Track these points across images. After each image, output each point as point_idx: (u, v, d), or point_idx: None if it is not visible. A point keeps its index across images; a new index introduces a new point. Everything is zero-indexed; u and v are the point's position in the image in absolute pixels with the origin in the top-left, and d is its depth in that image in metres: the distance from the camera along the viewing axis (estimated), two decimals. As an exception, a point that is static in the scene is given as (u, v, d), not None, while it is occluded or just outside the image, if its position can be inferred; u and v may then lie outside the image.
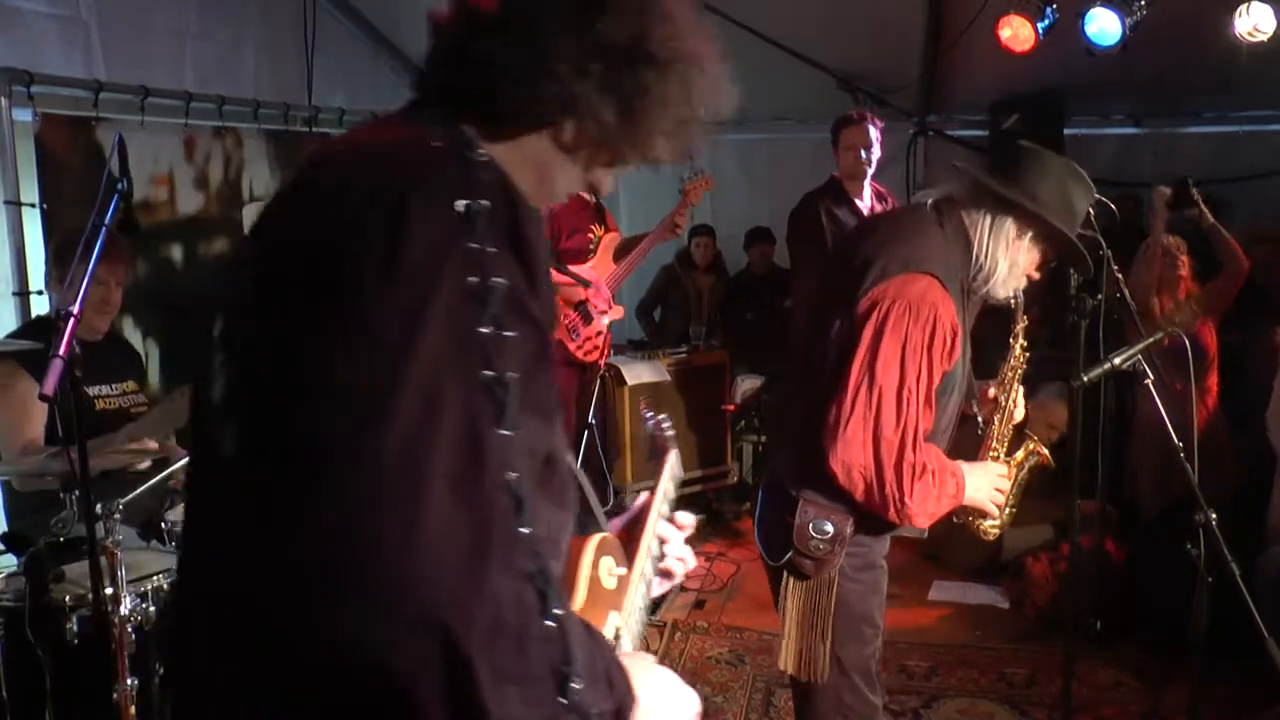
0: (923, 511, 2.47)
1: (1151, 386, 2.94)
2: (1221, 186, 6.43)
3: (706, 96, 1.30)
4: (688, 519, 1.73)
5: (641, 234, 5.10)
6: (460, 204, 1.09)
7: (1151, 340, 3.09)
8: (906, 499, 2.41)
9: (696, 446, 6.19)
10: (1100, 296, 3.40)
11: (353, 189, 1.13)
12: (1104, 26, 5.12)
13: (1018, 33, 5.32)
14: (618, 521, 1.69)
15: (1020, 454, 2.78)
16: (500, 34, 1.22)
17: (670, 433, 2.05)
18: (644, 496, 1.74)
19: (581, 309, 4.71)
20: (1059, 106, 6.36)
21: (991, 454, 2.73)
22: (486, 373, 1.04)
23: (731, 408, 6.44)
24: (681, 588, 5.19)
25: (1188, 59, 5.53)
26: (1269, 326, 4.70)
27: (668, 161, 1.32)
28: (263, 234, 1.26)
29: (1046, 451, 2.80)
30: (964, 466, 2.60)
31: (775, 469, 2.66)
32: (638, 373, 5.89)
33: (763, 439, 6.64)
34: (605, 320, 4.88)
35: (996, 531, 2.77)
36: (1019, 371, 2.74)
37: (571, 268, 4.62)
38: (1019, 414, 2.79)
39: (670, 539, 1.68)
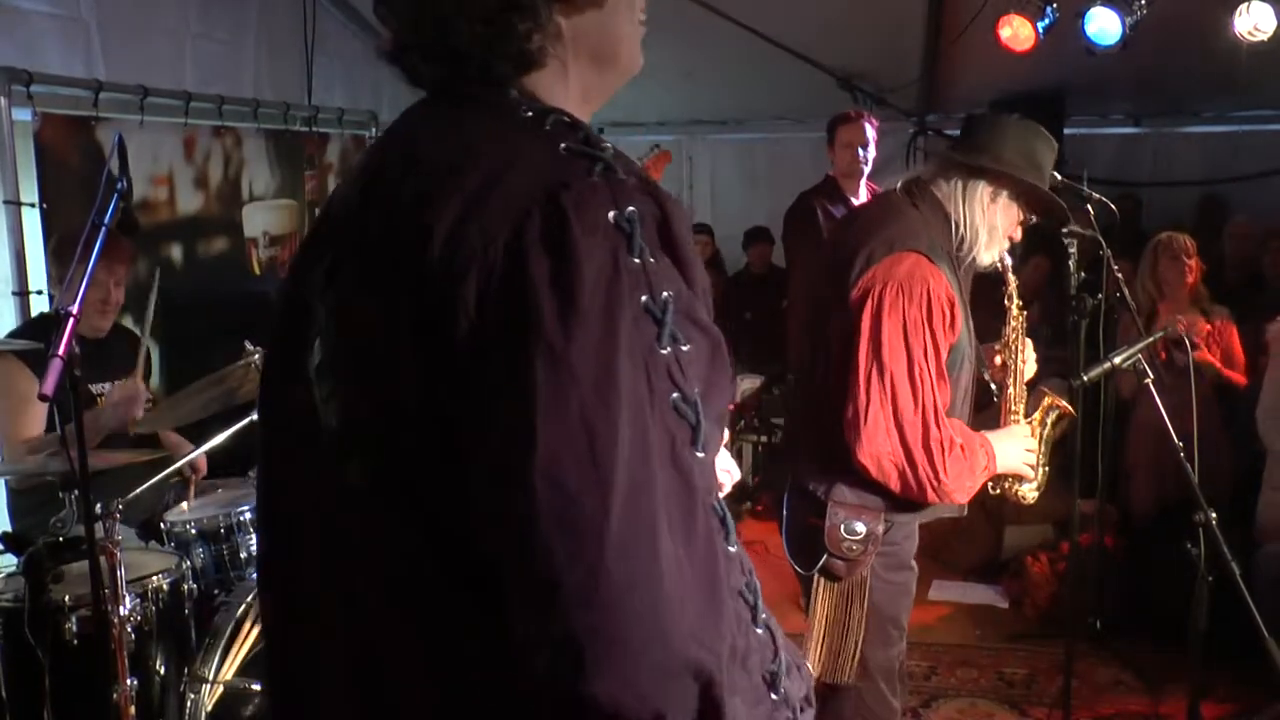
0: (960, 486, 2.47)
1: (1151, 386, 2.95)
2: (1221, 186, 6.45)
3: None
4: None
5: None
6: (612, 214, 0.97)
7: (1151, 339, 3.09)
8: (942, 475, 2.41)
9: (695, 446, 6.18)
10: (1100, 296, 3.40)
11: (463, 229, 0.98)
12: (1104, 26, 5.12)
13: (1018, 32, 5.32)
14: None
15: (1039, 412, 2.77)
16: (448, 17, 1.08)
17: None
18: None
19: None
20: (1059, 106, 6.36)
21: (1013, 417, 2.73)
22: (675, 395, 0.96)
23: (731, 407, 6.41)
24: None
25: (1187, 58, 5.54)
26: (1259, 322, 4.69)
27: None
28: (347, 248, 1.11)
29: (1065, 402, 2.79)
30: (990, 435, 2.61)
31: (797, 476, 2.65)
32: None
33: (763, 439, 6.65)
34: None
35: (1036, 494, 2.76)
36: (1020, 330, 2.74)
37: None
38: (1030, 371, 2.79)
39: None
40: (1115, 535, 4.73)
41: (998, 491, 2.74)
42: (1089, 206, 3.26)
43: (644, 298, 0.96)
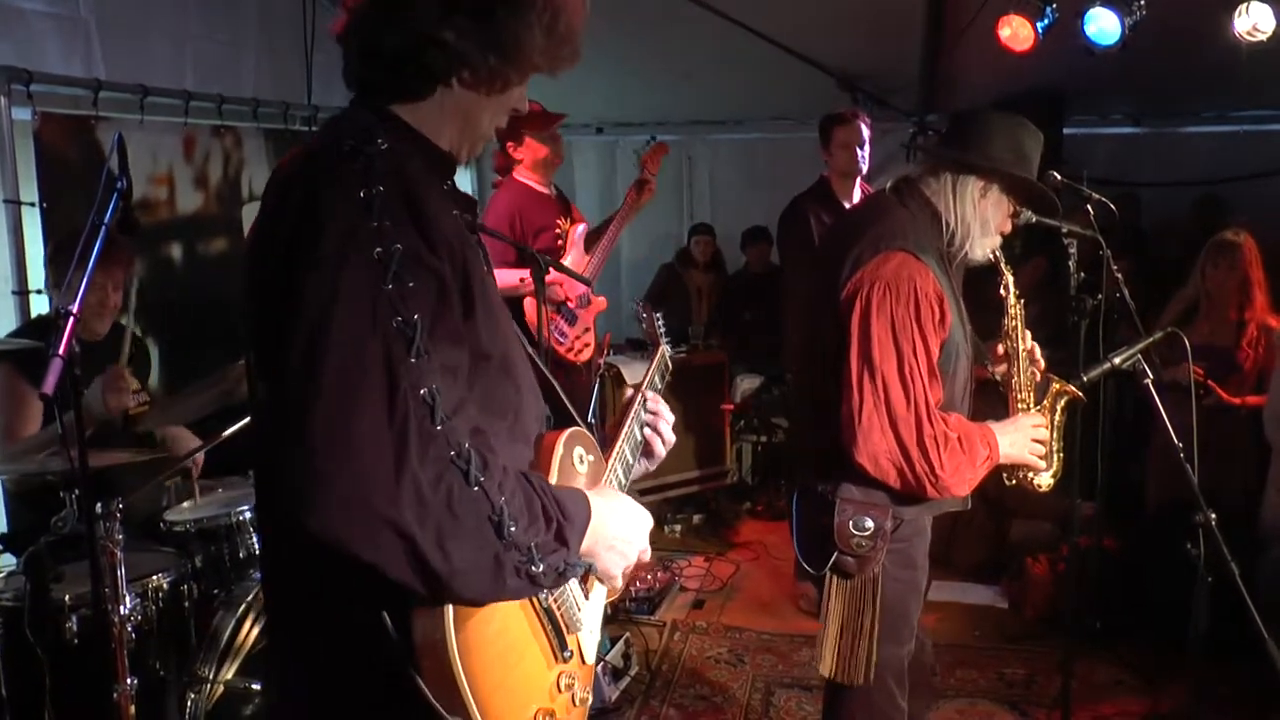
0: (959, 480, 2.48)
1: (1151, 386, 2.94)
2: (1221, 186, 6.44)
3: (568, 10, 1.55)
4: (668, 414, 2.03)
5: (608, 218, 4.97)
6: (361, 192, 1.40)
7: (1151, 340, 3.08)
8: (939, 471, 2.43)
9: (695, 446, 6.20)
10: (1100, 296, 3.39)
11: (288, 193, 1.47)
12: (1103, 26, 5.12)
13: (1017, 32, 5.31)
14: (613, 419, 2.02)
15: (1049, 399, 2.77)
16: (378, 23, 1.52)
17: (661, 327, 2.29)
18: (631, 391, 2.03)
19: (563, 310, 4.63)
20: (1059, 106, 6.36)
21: (1020, 406, 2.74)
22: (398, 318, 1.35)
23: (730, 407, 6.43)
24: (681, 587, 5.20)
25: (1187, 59, 5.53)
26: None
27: (558, 71, 1.60)
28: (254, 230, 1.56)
29: (1074, 387, 2.79)
30: (994, 426, 2.62)
31: (804, 476, 2.67)
32: (638, 372, 5.87)
33: (762, 439, 6.65)
34: (590, 316, 4.78)
35: (1050, 482, 2.76)
36: (1019, 321, 2.75)
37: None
38: (1034, 362, 2.79)
39: (655, 422, 2.01)
40: (1118, 536, 4.72)
41: (1013, 482, 2.74)
42: (1088, 206, 3.25)
43: (377, 249, 1.36)
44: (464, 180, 6.95)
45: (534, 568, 1.43)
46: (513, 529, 1.40)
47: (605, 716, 3.91)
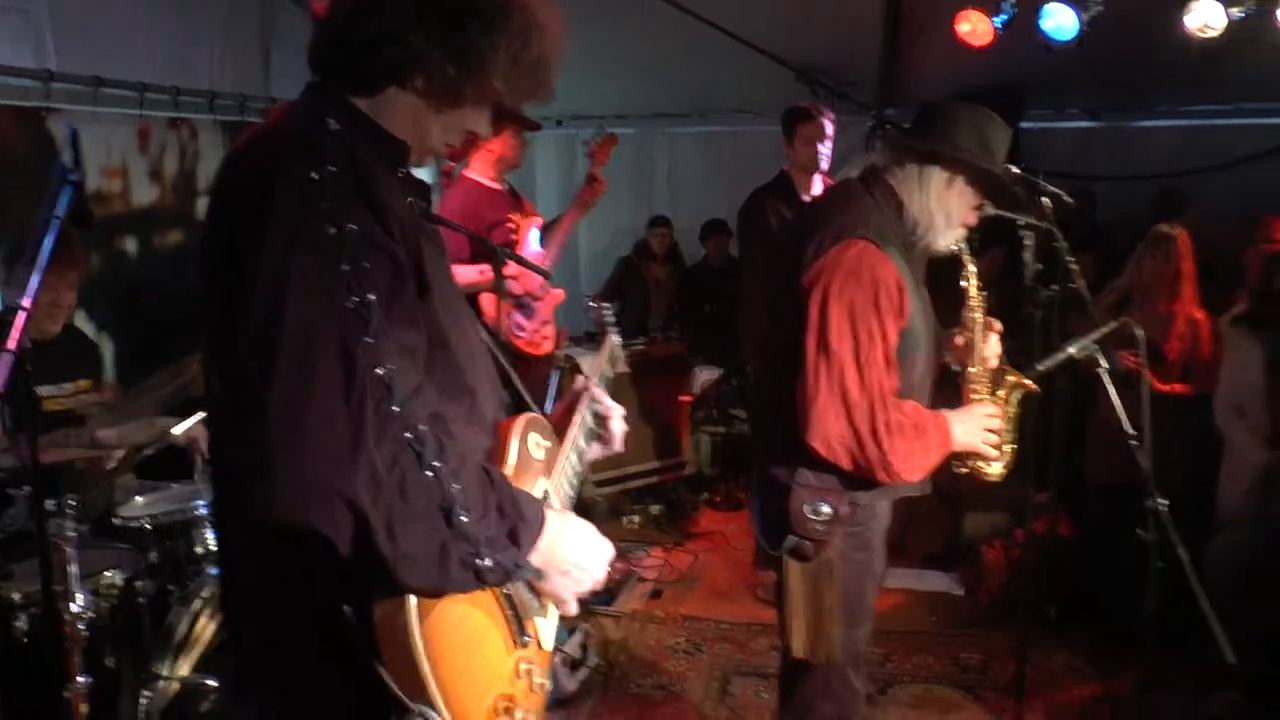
0: (910, 466, 2.51)
1: (1105, 376, 2.98)
2: (1175, 180, 6.54)
3: (542, 43, 1.56)
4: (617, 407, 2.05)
5: (563, 214, 4.96)
6: (314, 174, 1.40)
7: (1105, 330, 3.12)
8: (890, 456, 2.46)
9: (654, 437, 6.21)
10: (1056, 287, 3.43)
11: (240, 177, 1.49)
12: (1060, 22, 5.18)
13: (976, 27, 5.37)
14: (561, 404, 2.04)
15: (1004, 390, 2.81)
16: (354, 11, 1.53)
17: (611, 319, 2.33)
18: (581, 379, 2.05)
19: (522, 303, 4.61)
20: (1016, 100, 6.41)
21: (974, 396, 2.76)
22: (353, 299, 1.36)
23: (689, 399, 6.45)
24: (639, 578, 5.21)
25: (1142, 54, 5.60)
26: (1217, 312, 4.76)
27: (520, 103, 1.62)
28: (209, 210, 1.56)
29: (1028, 380, 2.82)
30: (948, 414, 2.65)
31: (762, 462, 2.70)
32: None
33: (721, 430, 6.67)
34: (548, 309, 4.76)
35: (1001, 471, 2.79)
36: (980, 312, 2.77)
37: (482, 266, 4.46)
38: (992, 353, 2.82)
39: (608, 412, 2.02)
40: (1070, 524, 4.79)
41: (964, 470, 2.77)
42: (1045, 199, 3.29)
43: (331, 229, 1.36)
44: (425, 176, 6.91)
45: (480, 561, 1.43)
46: (463, 519, 1.40)
47: (564, 707, 3.91)
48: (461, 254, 4.21)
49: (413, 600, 1.41)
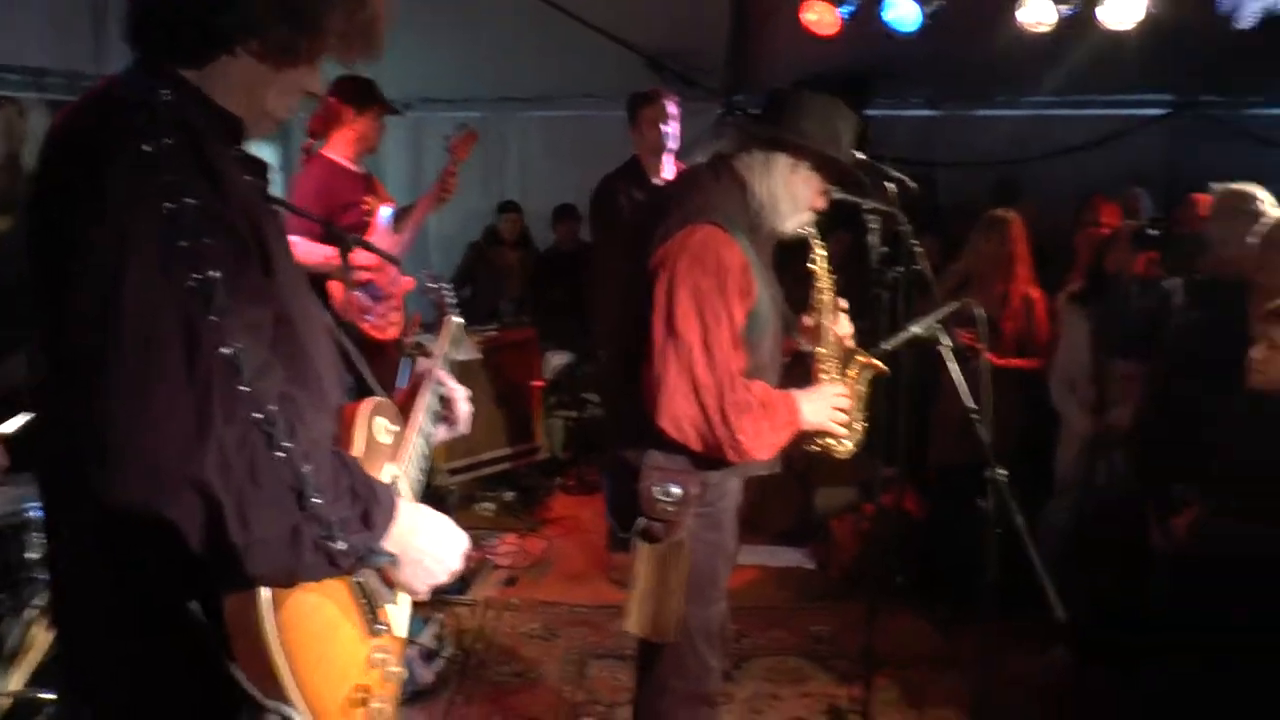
0: (759, 445, 2.53)
1: (947, 353, 3.08)
2: (1011, 167, 6.83)
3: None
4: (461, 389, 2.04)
5: (414, 203, 4.89)
6: (147, 146, 1.32)
7: (947, 310, 3.22)
8: (739, 436, 2.47)
9: (506, 423, 6.15)
10: (899, 269, 3.53)
11: (66, 151, 1.40)
12: (903, 14, 5.34)
13: (821, 17, 5.49)
14: (403, 387, 1.99)
15: (853, 370, 2.86)
16: None
17: (451, 298, 2.31)
18: (424, 362, 2.03)
19: (369, 289, 4.51)
20: (861, 88, 6.56)
21: (824, 377, 2.80)
22: (195, 276, 1.29)
23: (541, 384, 6.42)
24: (493, 566, 5.16)
25: (980, 47, 5.82)
26: (1052, 290, 5.00)
27: (351, 61, 1.56)
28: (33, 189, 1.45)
29: (878, 361, 2.89)
30: (797, 393, 2.67)
31: (614, 445, 2.69)
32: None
33: (573, 414, 6.66)
34: (398, 295, 4.68)
35: (852, 449, 2.83)
36: (829, 294, 2.82)
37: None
38: (842, 331, 2.87)
39: (452, 394, 2.00)
40: (917, 496, 4.95)
41: (815, 449, 2.81)
42: (889, 184, 3.37)
43: (167, 204, 1.29)
44: (268, 156, 6.68)
45: (334, 545, 1.38)
46: (316, 501, 1.35)
47: (421, 700, 3.84)
48: (313, 232, 4.10)
49: (265, 591, 1.35)
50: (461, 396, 2.03)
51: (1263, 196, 4.01)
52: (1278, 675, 3.09)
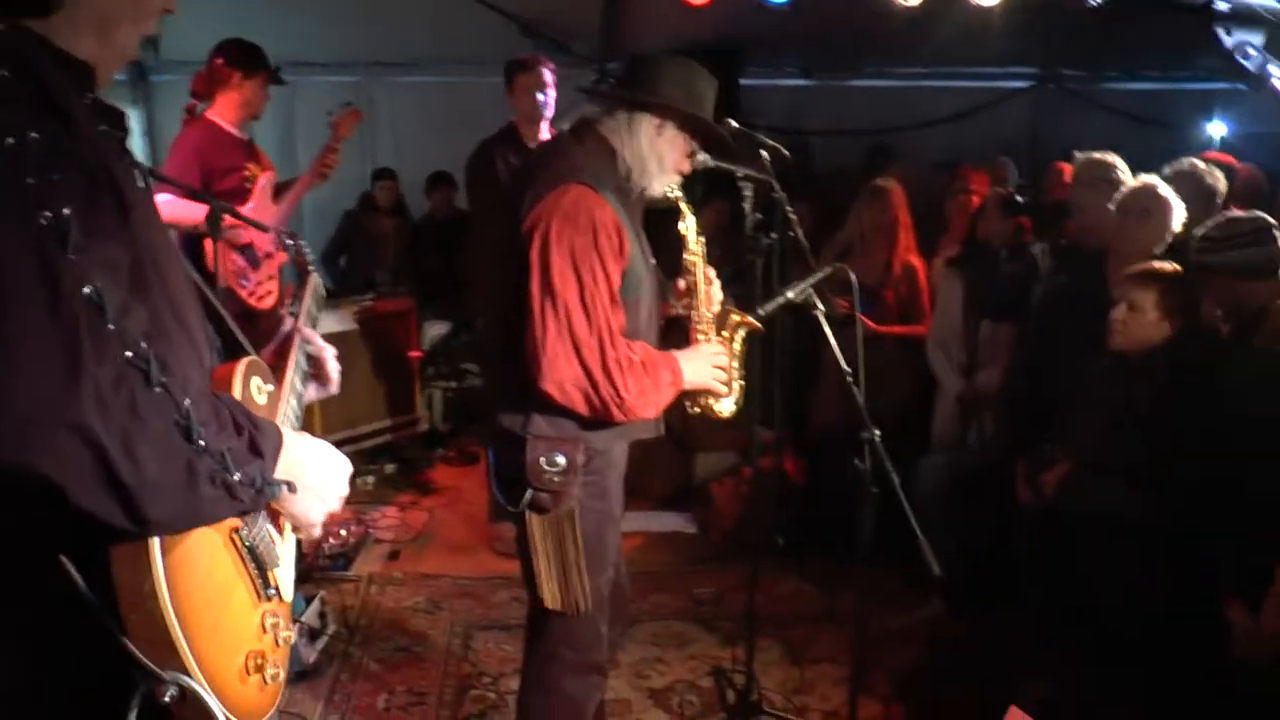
0: (644, 403, 2.55)
1: (821, 318, 3.13)
2: (882, 136, 6.98)
3: None
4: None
5: (295, 178, 4.81)
6: None
7: (820, 275, 3.27)
8: (623, 393, 2.49)
9: (385, 395, 6.07)
10: (774, 236, 3.57)
11: None
12: (776, -15, 5.38)
13: (695, -13, 5.49)
14: (270, 347, 1.95)
15: (728, 330, 2.89)
16: None
17: (310, 255, 2.26)
18: (290, 320, 1.99)
19: (248, 253, 4.42)
20: (735, 58, 6.63)
21: (700, 337, 2.83)
22: (46, 214, 1.21)
23: (419, 354, 6.34)
24: (375, 540, 5.10)
25: (852, 18, 5.92)
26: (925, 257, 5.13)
27: None
28: None
29: (751, 319, 2.92)
30: (677, 353, 2.70)
31: (497, 417, 2.66)
32: (321, 322, 5.66)
33: (452, 385, 6.61)
34: (275, 265, 4.58)
35: (732, 409, 2.87)
36: (700, 257, 2.84)
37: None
38: (714, 296, 2.89)
39: (320, 352, 1.97)
40: (795, 459, 5.04)
41: (696, 410, 2.84)
42: (764, 152, 3.40)
43: (8, 140, 1.22)
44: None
45: (230, 476, 1.34)
46: (203, 433, 1.31)
47: (306, 679, 3.78)
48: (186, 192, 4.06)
49: (158, 554, 1.30)
50: (330, 354, 1.99)
51: (1122, 166, 4.19)
52: (1126, 617, 3.26)
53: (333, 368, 1.99)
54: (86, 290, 1.23)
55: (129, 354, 1.26)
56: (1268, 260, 3.35)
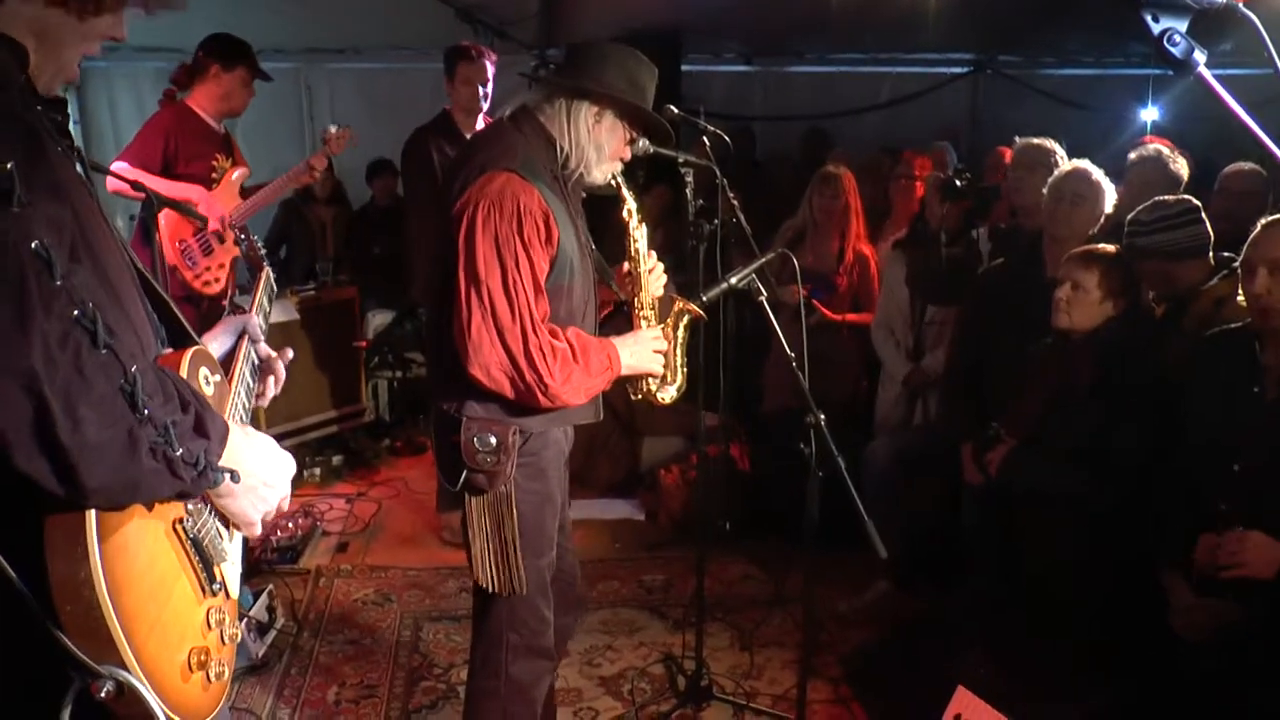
0: (572, 389, 2.56)
1: (765, 304, 3.14)
2: (822, 121, 7.03)
3: None
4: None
5: (269, 182, 4.80)
6: None
7: (763, 260, 3.29)
8: (548, 379, 2.49)
9: (330, 386, 6.01)
10: (717, 221, 3.58)
11: None
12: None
13: (635, -28, 5.47)
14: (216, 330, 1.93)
15: (671, 317, 2.90)
16: None
17: (262, 249, 2.27)
18: (241, 314, 1.97)
19: (201, 237, 4.42)
20: (676, 44, 6.62)
21: (644, 324, 2.84)
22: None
23: (363, 344, 6.28)
24: (323, 532, 5.06)
25: (791, 5, 5.93)
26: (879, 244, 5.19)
27: (154, 8, 1.52)
28: None
29: (695, 306, 2.93)
30: (614, 340, 2.71)
31: (436, 398, 2.69)
32: (271, 312, 5.60)
33: (397, 374, 6.56)
34: (227, 254, 4.55)
35: (675, 395, 2.89)
36: (641, 244, 2.85)
37: (190, 187, 4.35)
38: (657, 282, 2.90)
39: (268, 353, 1.94)
40: (742, 444, 5.07)
41: (639, 396, 2.86)
42: (705, 138, 3.41)
43: None
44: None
45: (172, 450, 1.31)
46: (147, 402, 1.28)
47: (255, 674, 3.74)
48: (151, 166, 4.27)
49: (95, 544, 1.26)
50: (276, 353, 1.97)
51: (1061, 152, 4.25)
52: (1070, 591, 3.33)
53: (278, 365, 1.97)
54: (33, 245, 1.22)
55: (76, 312, 1.24)
56: (1195, 240, 3.44)
